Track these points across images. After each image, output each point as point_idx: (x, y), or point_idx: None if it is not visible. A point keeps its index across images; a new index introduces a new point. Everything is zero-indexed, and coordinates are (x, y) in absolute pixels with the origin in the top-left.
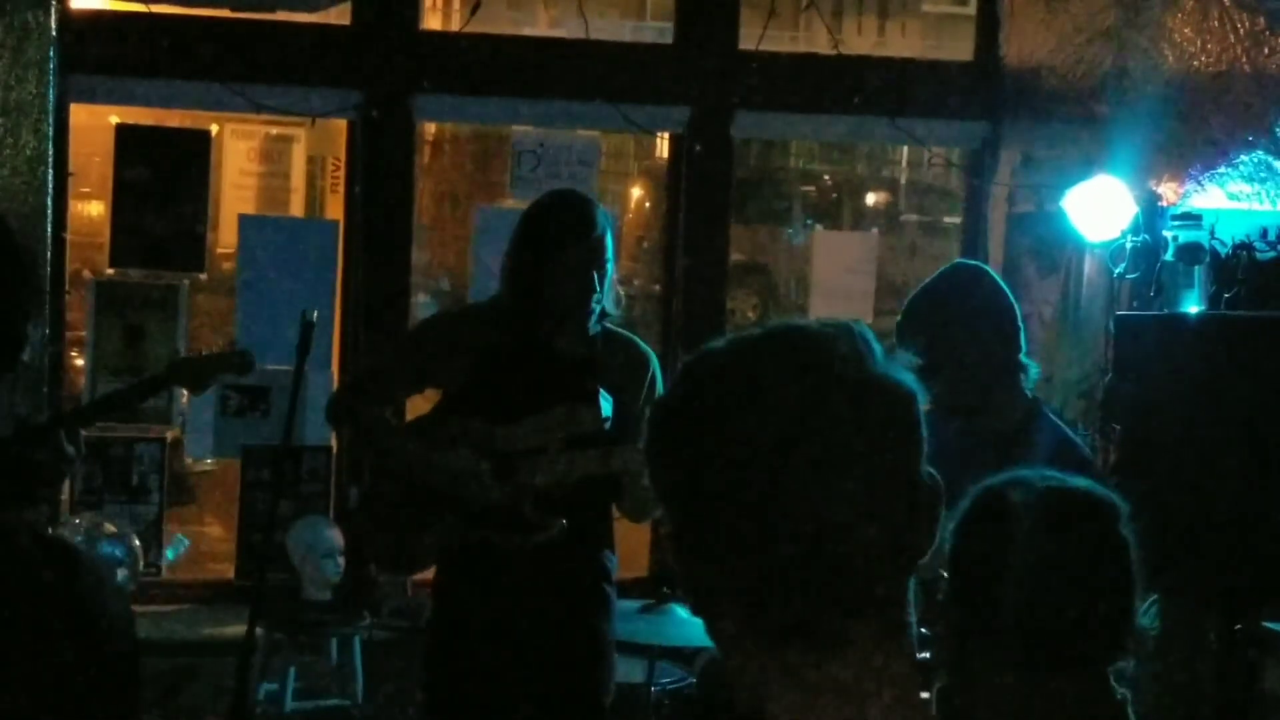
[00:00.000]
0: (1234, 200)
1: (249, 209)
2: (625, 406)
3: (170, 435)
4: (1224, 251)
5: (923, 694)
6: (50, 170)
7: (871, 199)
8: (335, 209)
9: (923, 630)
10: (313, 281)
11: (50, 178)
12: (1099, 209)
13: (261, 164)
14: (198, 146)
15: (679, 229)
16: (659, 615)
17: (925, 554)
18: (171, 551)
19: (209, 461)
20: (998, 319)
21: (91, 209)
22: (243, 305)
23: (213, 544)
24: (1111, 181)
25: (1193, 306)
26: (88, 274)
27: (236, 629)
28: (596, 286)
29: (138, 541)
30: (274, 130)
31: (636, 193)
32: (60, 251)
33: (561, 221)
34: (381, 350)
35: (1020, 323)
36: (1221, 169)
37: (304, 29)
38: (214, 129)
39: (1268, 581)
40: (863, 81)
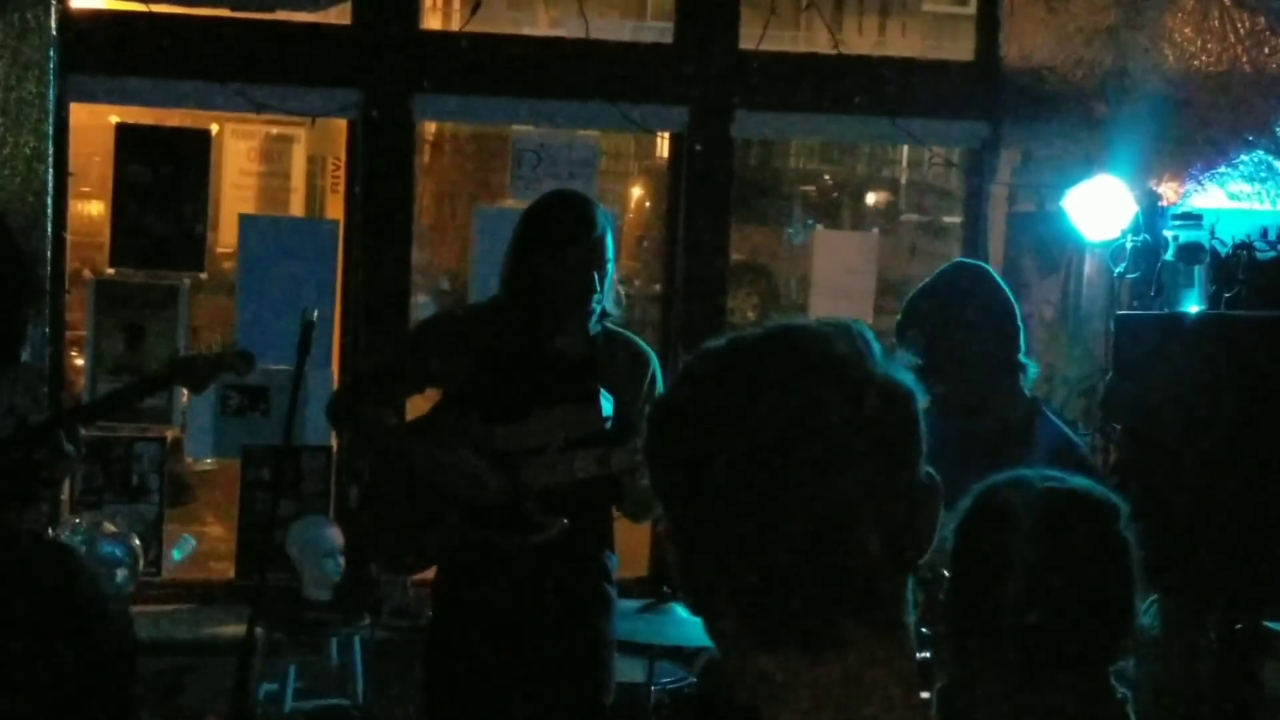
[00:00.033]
0: (1234, 200)
1: (249, 209)
2: (625, 406)
3: (170, 435)
4: (1224, 251)
5: (923, 694)
6: (50, 170)
7: (871, 199)
8: (335, 209)
9: (923, 630)
10: (313, 281)
11: (50, 177)
12: (1099, 208)
13: (261, 164)
14: (198, 146)
15: (679, 229)
16: (659, 615)
17: (924, 554)
18: (178, 552)
19: (209, 461)
20: (998, 318)
21: (91, 209)
22: (243, 305)
23: (213, 544)
24: (1112, 181)
25: (1193, 306)
26: (88, 273)
27: (236, 629)
28: (597, 286)
29: (138, 541)
30: (274, 130)
31: (636, 193)
32: (60, 251)
33: (561, 221)
34: (382, 350)
35: (1020, 322)
36: (1222, 169)
37: (304, 29)
38: (214, 129)
39: (1268, 581)
40: (863, 81)
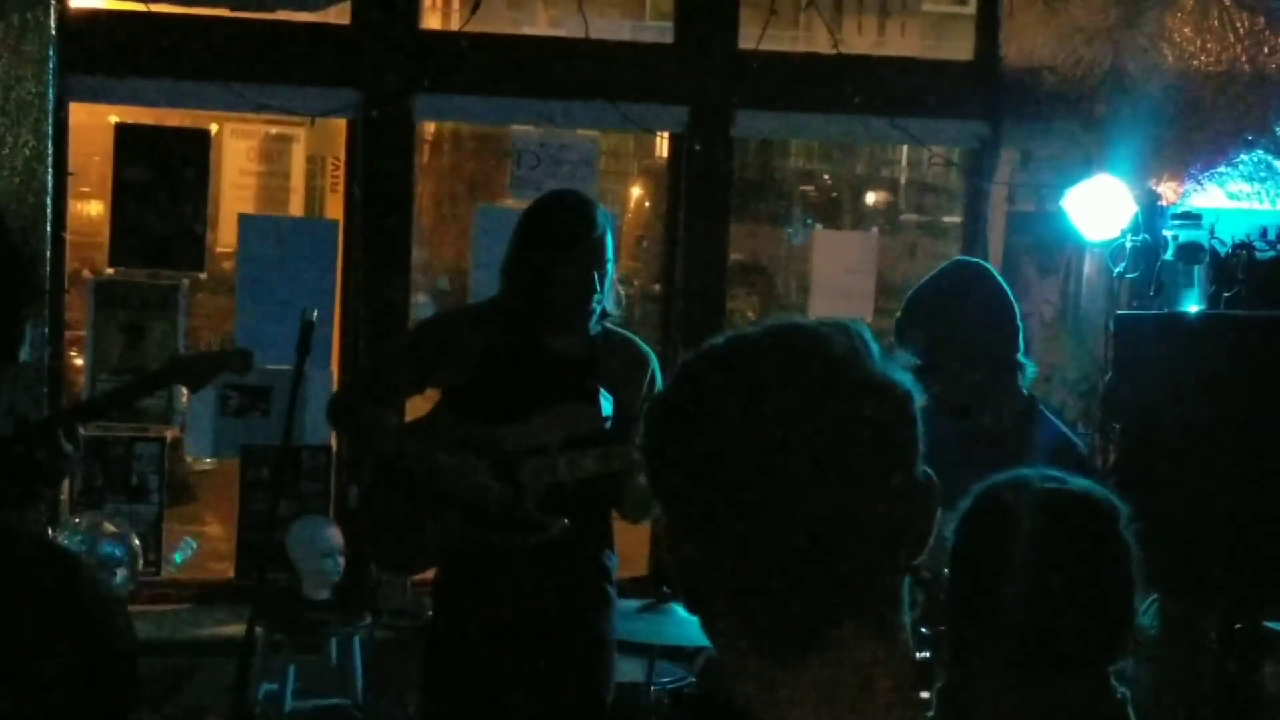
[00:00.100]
0: (1234, 200)
1: (249, 208)
2: (625, 406)
3: (170, 435)
4: (1224, 251)
5: (923, 694)
6: (50, 170)
7: (871, 199)
8: (335, 209)
9: (923, 630)
10: (312, 281)
11: (50, 177)
12: (1099, 208)
13: (261, 163)
14: (197, 146)
15: (679, 229)
16: (659, 615)
17: (921, 554)
18: (179, 555)
19: (209, 461)
20: (997, 317)
21: (91, 208)
22: (242, 305)
23: (213, 544)
24: (1111, 181)
25: (1192, 306)
26: (87, 273)
27: (236, 629)
28: (597, 286)
29: (137, 541)
30: (274, 130)
31: (636, 192)
32: (60, 251)
33: (562, 221)
34: (382, 350)
35: (1020, 322)
36: (1221, 168)
37: (304, 29)
38: (214, 128)
39: (1268, 581)
40: (863, 81)
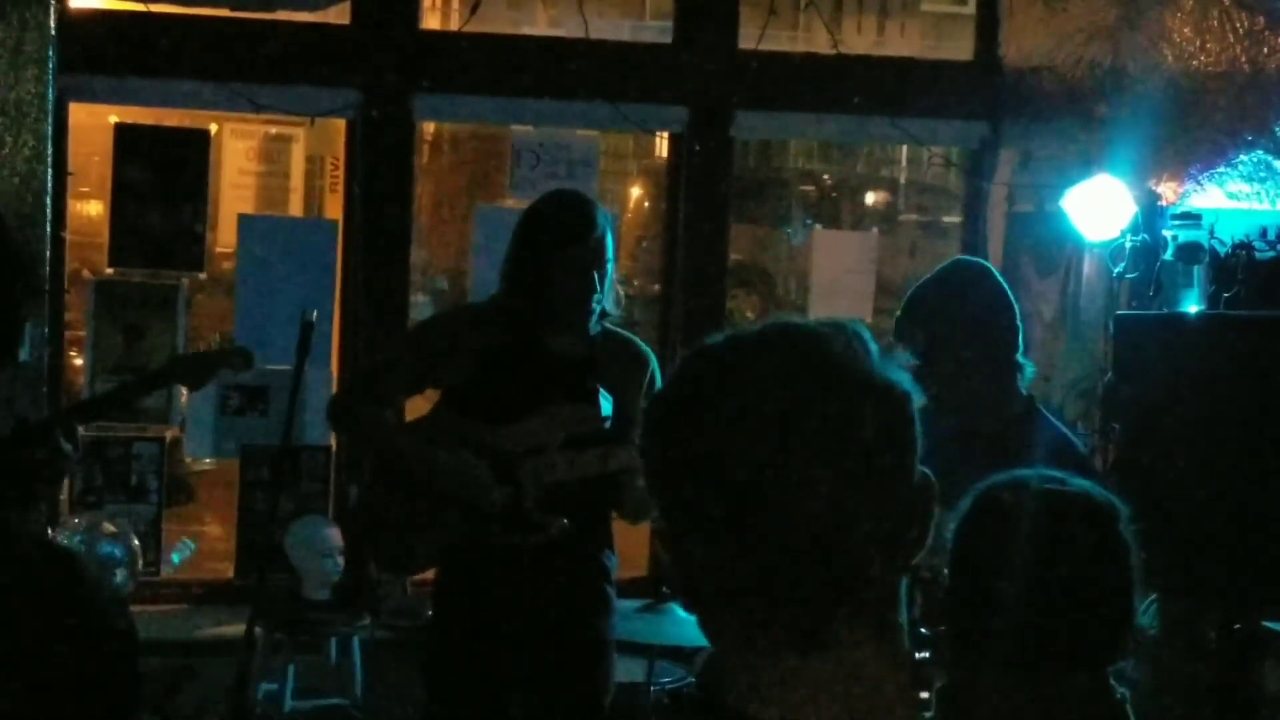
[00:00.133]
0: (1233, 200)
1: (248, 208)
2: (625, 406)
3: (169, 435)
4: (1223, 251)
5: (923, 694)
6: (49, 170)
7: (871, 199)
8: (334, 209)
9: (922, 630)
10: (312, 281)
11: (49, 177)
12: (1098, 208)
13: (261, 163)
14: (197, 146)
15: (679, 229)
16: (658, 615)
17: (918, 554)
18: (177, 556)
19: (208, 461)
20: (997, 317)
21: (91, 208)
22: (242, 305)
23: (212, 543)
24: (1111, 181)
25: (1192, 306)
26: (87, 273)
27: (236, 629)
28: (597, 286)
29: (137, 541)
30: (273, 130)
31: (636, 193)
32: (59, 251)
33: (562, 221)
34: (381, 351)
35: (1019, 322)
36: (1221, 168)
37: (304, 28)
38: (213, 128)
39: (1267, 581)
40: (862, 81)
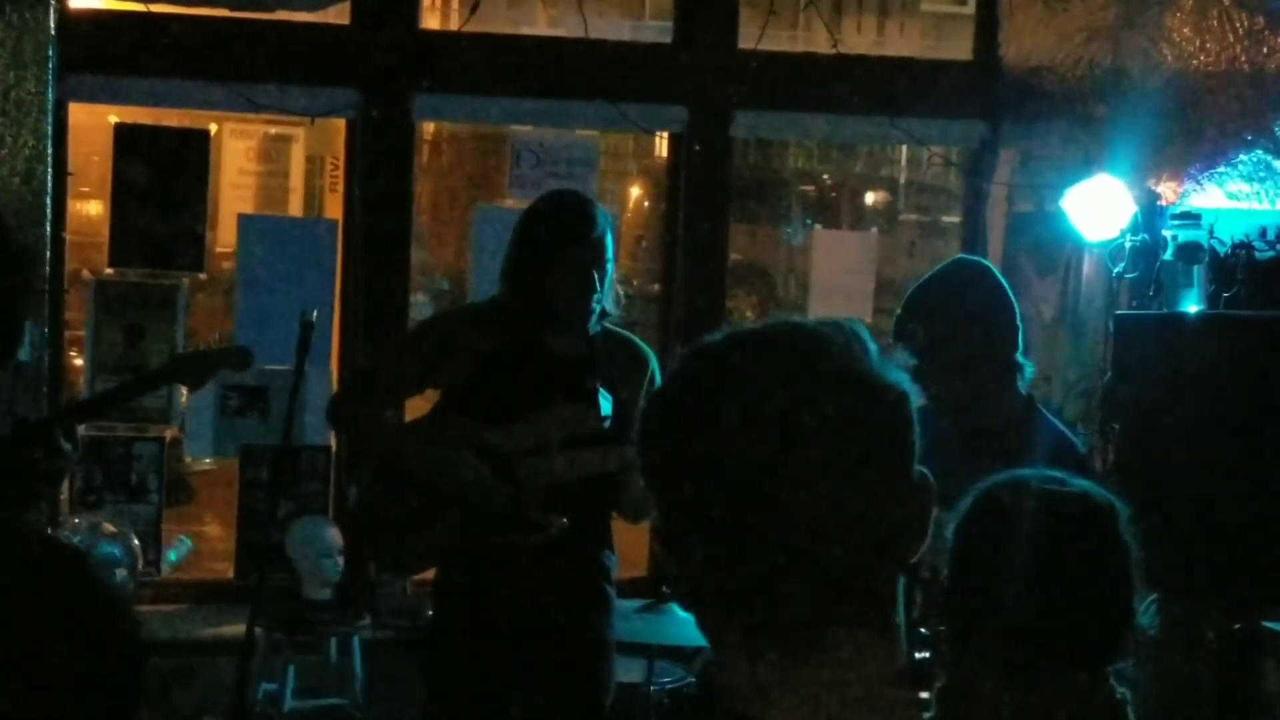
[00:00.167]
0: (1233, 199)
1: (248, 208)
2: (625, 406)
3: (169, 435)
4: (1223, 251)
5: (923, 694)
6: (49, 170)
7: (871, 199)
8: (334, 208)
9: (922, 630)
10: (312, 281)
11: (49, 177)
12: (1098, 208)
13: (260, 163)
14: (197, 146)
15: (679, 229)
16: (658, 615)
17: (915, 554)
18: (174, 554)
19: (208, 461)
20: (997, 316)
21: (91, 208)
22: (242, 305)
23: (212, 544)
24: (1111, 181)
25: (1192, 306)
26: (87, 274)
27: (236, 629)
28: (597, 286)
29: (137, 541)
30: (273, 130)
31: (636, 193)
32: (59, 251)
33: (562, 221)
34: (381, 351)
35: (1019, 321)
36: (1221, 168)
37: (304, 28)
38: (213, 128)
39: (1267, 581)
40: (862, 81)
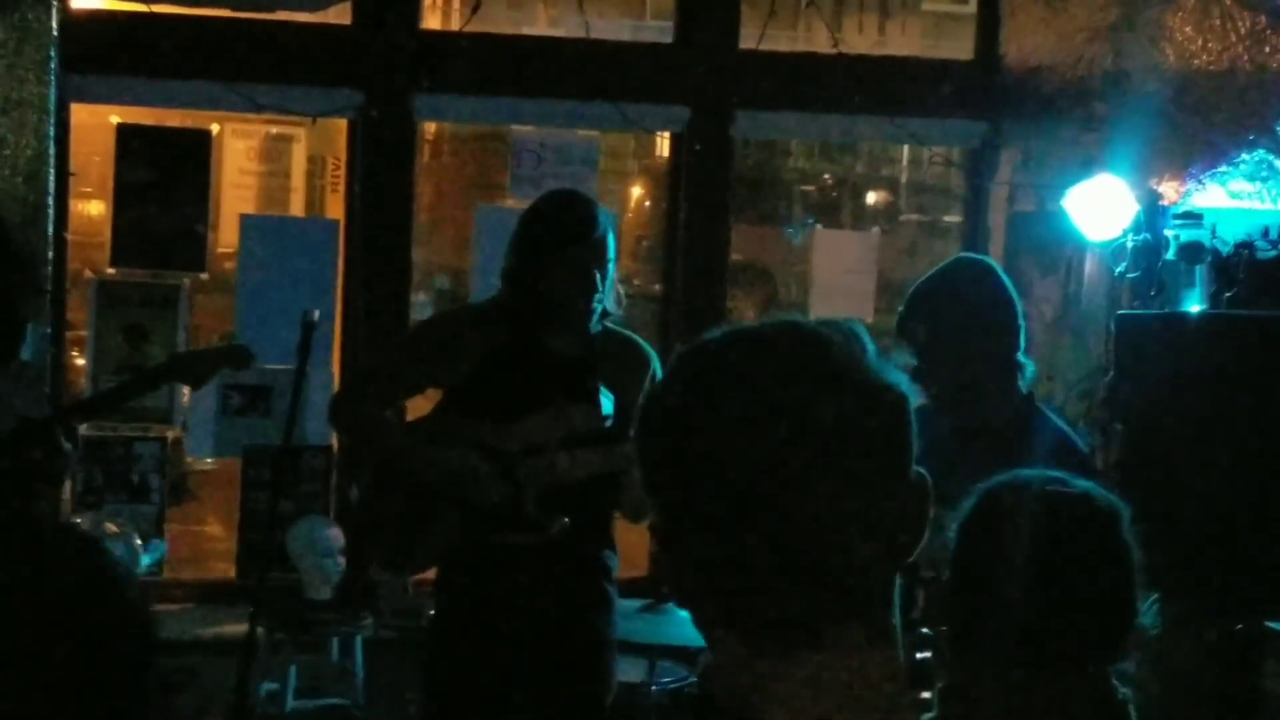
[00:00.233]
0: (1235, 199)
1: (249, 208)
2: (625, 406)
3: (171, 434)
4: (1225, 250)
5: (923, 694)
6: (51, 170)
7: (871, 198)
8: (335, 208)
9: (924, 630)
10: (313, 281)
11: (51, 177)
12: (1100, 208)
13: (262, 163)
14: (198, 146)
15: (679, 229)
16: (659, 615)
17: (912, 554)
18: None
19: (209, 461)
20: (998, 315)
21: (92, 208)
22: (243, 305)
23: (213, 543)
24: (1112, 180)
25: (1194, 306)
26: (88, 273)
27: (237, 629)
28: (598, 286)
29: (138, 541)
30: (274, 130)
31: (636, 192)
32: (61, 251)
33: (563, 221)
34: (382, 351)
35: (1021, 320)
36: (1222, 168)
37: (304, 29)
38: (214, 128)
39: (1267, 581)
40: (863, 81)
